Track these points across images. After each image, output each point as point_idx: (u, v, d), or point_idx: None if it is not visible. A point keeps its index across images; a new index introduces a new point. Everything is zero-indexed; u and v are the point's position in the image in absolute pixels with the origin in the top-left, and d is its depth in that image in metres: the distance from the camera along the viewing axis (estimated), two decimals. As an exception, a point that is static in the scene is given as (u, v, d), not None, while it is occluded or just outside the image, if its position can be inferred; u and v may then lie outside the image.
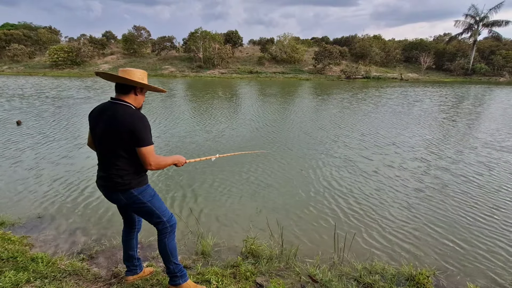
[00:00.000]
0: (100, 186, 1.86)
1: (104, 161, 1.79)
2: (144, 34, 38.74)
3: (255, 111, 11.84)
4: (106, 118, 1.71)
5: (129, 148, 1.71)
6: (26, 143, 6.79)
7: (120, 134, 1.66)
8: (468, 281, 2.66)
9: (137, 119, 1.69)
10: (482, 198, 4.47)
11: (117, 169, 1.75)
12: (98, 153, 1.84)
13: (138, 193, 1.81)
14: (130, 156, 1.74)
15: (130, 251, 2.14)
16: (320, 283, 2.41)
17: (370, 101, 15.08)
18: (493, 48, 34.69)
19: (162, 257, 2.00)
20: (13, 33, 36.42)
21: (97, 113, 1.81)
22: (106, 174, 1.77)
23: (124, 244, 2.15)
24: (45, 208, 3.90)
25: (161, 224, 1.92)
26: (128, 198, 1.80)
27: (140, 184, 1.83)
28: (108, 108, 1.75)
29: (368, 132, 8.62)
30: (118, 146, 1.70)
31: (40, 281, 2.10)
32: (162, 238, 1.95)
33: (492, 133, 8.65)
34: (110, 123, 1.69)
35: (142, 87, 1.82)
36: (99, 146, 1.80)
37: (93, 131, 1.82)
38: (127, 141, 1.68)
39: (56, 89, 18.01)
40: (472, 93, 19.72)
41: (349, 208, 4.14)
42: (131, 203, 1.83)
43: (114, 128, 1.67)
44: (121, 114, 1.68)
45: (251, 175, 5.20)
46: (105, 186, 1.81)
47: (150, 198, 1.86)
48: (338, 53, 34.72)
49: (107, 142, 1.72)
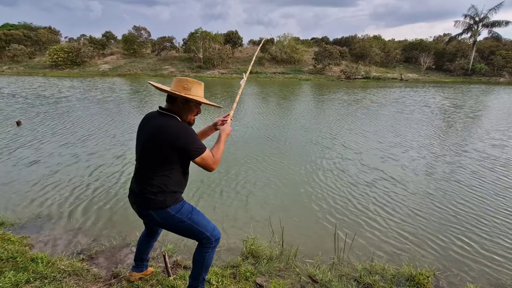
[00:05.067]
0: (132, 202, 1.72)
1: (140, 175, 1.65)
2: (144, 34, 38.75)
3: (255, 110, 11.84)
4: (152, 131, 1.57)
5: (172, 165, 1.59)
6: (26, 143, 6.78)
7: (164, 152, 1.55)
8: (468, 281, 2.66)
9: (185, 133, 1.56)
10: (483, 198, 4.47)
11: (152, 186, 1.60)
12: (136, 166, 1.70)
13: (175, 211, 1.66)
14: (170, 174, 1.61)
15: (143, 255, 2.10)
16: (320, 283, 2.41)
17: (373, 101, 15.08)
18: (493, 49, 34.71)
19: (194, 269, 1.85)
20: (13, 33, 36.42)
21: (144, 123, 1.67)
22: (139, 190, 1.64)
23: (139, 247, 2.09)
24: (45, 208, 3.90)
25: (205, 239, 1.77)
26: (163, 217, 1.65)
27: (177, 201, 1.68)
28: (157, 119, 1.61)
29: (369, 132, 8.62)
30: (158, 163, 1.58)
31: (40, 282, 2.10)
32: (203, 251, 1.79)
33: (492, 135, 8.65)
34: (155, 137, 1.55)
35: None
36: (138, 159, 1.66)
37: (136, 142, 1.69)
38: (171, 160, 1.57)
39: (63, 89, 18.01)
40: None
41: (350, 208, 4.14)
42: (168, 223, 1.69)
43: (158, 144, 1.55)
44: (168, 130, 1.54)
45: (251, 175, 5.20)
46: (137, 202, 1.68)
47: (189, 215, 1.71)
48: (338, 53, 34.74)
49: (148, 157, 1.60)
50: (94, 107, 11.91)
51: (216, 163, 1.67)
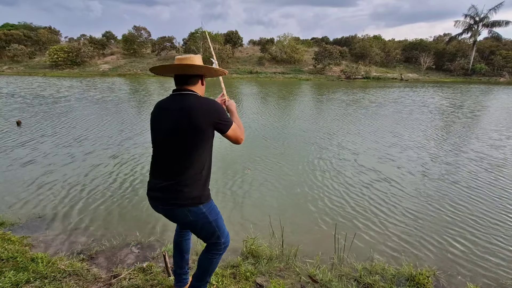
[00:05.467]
0: (157, 199, 1.52)
1: (169, 167, 1.48)
2: (144, 34, 38.74)
3: (253, 110, 11.84)
4: (178, 113, 1.43)
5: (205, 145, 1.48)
6: (25, 143, 6.78)
7: (200, 130, 1.43)
8: (468, 281, 2.66)
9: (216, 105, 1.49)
10: (483, 199, 4.47)
11: (183, 176, 1.46)
12: (159, 158, 1.54)
13: (206, 209, 1.55)
14: (203, 158, 1.50)
15: (185, 253, 1.88)
16: (320, 283, 2.40)
17: (373, 101, 15.08)
18: (493, 49, 34.68)
19: (198, 271, 1.75)
20: (13, 33, 36.41)
21: (161, 110, 1.53)
22: (171, 183, 1.47)
23: (177, 247, 1.87)
24: (45, 208, 3.90)
25: (218, 244, 1.67)
26: (195, 215, 1.52)
27: (208, 198, 1.58)
28: (177, 101, 1.47)
29: (370, 133, 8.62)
30: (193, 146, 1.45)
31: (40, 281, 2.10)
32: (211, 256, 1.69)
33: (491, 135, 8.65)
34: (185, 118, 1.42)
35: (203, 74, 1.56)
36: (163, 149, 1.51)
37: (155, 132, 1.54)
38: (207, 136, 1.47)
39: (65, 89, 18.01)
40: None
41: (350, 208, 4.14)
42: (196, 221, 1.55)
43: (192, 123, 1.41)
44: (199, 106, 1.43)
45: (250, 175, 5.20)
46: (167, 199, 1.49)
47: (216, 217, 1.61)
48: (338, 53, 34.72)
49: (180, 142, 1.45)
50: (93, 107, 11.91)
51: (243, 133, 1.60)
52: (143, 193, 4.39)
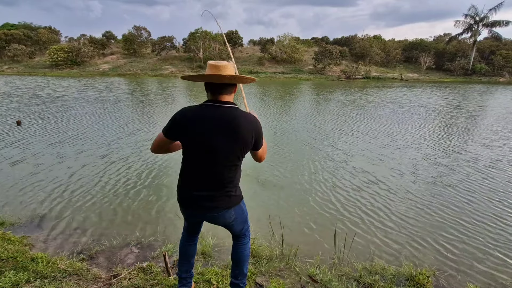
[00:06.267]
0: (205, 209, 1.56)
1: (217, 178, 1.51)
2: (144, 34, 38.78)
3: (254, 109, 11.82)
4: (226, 127, 1.44)
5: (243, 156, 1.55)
6: (25, 143, 6.78)
7: (246, 144, 1.48)
8: (468, 281, 2.66)
9: (259, 124, 1.54)
10: (483, 199, 4.47)
11: (231, 183, 1.55)
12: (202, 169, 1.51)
13: (243, 204, 1.68)
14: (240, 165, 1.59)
15: (191, 258, 1.90)
16: (320, 283, 2.40)
17: (374, 101, 15.07)
18: (493, 48, 34.72)
19: (239, 263, 1.81)
20: (13, 33, 36.42)
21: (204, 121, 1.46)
22: (220, 192, 1.53)
23: (183, 251, 1.87)
24: (45, 208, 3.90)
25: (248, 230, 1.80)
26: (238, 213, 1.64)
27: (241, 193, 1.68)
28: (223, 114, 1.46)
29: (370, 133, 8.62)
30: (238, 157, 1.51)
31: (40, 281, 2.10)
32: (246, 242, 1.79)
33: (488, 135, 8.65)
34: (235, 133, 1.44)
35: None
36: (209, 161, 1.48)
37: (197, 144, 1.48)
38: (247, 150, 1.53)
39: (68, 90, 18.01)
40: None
41: (350, 208, 4.14)
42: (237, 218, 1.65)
43: (240, 139, 1.45)
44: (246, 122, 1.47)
45: (250, 175, 5.20)
46: (217, 207, 1.55)
47: (245, 207, 1.72)
48: (338, 53, 34.74)
49: (228, 155, 1.48)
50: (89, 107, 11.90)
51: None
52: (145, 193, 4.39)
